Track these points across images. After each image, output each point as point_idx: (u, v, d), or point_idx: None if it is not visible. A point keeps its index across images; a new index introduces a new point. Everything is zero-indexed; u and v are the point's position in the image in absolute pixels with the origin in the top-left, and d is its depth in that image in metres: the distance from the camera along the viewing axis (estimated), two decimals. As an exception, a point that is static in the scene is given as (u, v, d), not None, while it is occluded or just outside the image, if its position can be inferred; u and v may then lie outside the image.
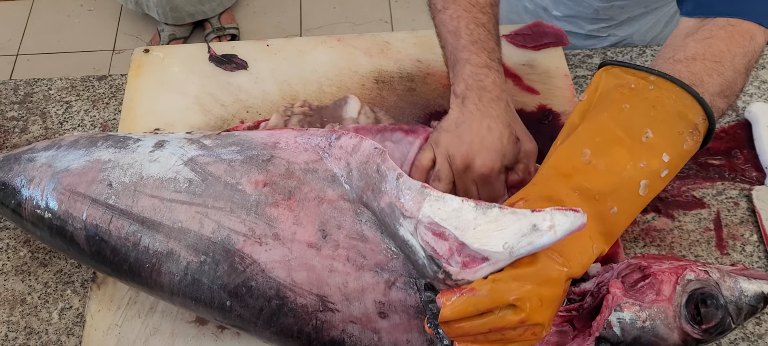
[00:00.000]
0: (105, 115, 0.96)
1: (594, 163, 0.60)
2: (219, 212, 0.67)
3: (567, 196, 0.59)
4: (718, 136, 0.89)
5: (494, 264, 0.53)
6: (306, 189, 0.68)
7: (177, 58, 0.98)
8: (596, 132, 0.62)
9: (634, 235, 0.81)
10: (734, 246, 0.80)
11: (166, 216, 0.68)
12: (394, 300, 0.63)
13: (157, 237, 0.68)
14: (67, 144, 0.77)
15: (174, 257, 0.67)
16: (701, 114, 0.62)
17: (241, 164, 0.70)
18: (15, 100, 0.99)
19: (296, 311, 0.64)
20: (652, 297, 0.60)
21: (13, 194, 0.75)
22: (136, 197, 0.70)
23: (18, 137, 0.94)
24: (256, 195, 0.68)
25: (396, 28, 2.23)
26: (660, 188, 0.62)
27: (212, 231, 0.67)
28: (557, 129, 0.87)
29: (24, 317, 0.79)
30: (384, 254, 0.64)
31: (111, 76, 1.01)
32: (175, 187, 0.69)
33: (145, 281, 0.69)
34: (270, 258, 0.65)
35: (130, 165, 0.72)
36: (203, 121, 0.91)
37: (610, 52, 0.98)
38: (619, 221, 0.60)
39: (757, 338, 0.75)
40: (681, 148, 0.62)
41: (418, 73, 0.95)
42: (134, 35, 2.32)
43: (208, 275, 0.66)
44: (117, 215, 0.69)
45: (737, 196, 0.85)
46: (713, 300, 0.59)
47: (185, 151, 0.72)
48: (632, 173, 0.60)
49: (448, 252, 0.56)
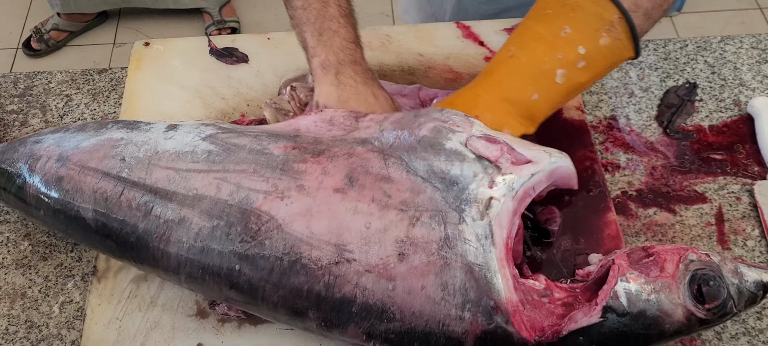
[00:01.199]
0: (105, 108, 0.96)
1: (517, 56, 0.70)
2: (240, 175, 0.67)
3: (486, 91, 0.70)
4: (720, 130, 0.89)
5: (536, 165, 0.64)
6: (335, 149, 0.68)
7: (177, 52, 0.98)
8: (521, 33, 0.72)
9: (636, 229, 0.81)
10: (736, 241, 0.80)
11: (181, 185, 0.67)
12: (416, 236, 0.62)
13: (170, 206, 0.67)
14: (75, 128, 0.77)
15: (185, 225, 0.66)
16: (616, 12, 0.68)
17: (268, 137, 0.71)
18: (15, 93, 0.98)
19: (308, 268, 0.63)
20: (656, 273, 0.61)
21: (17, 175, 0.75)
22: (150, 170, 0.69)
23: (18, 131, 0.94)
24: (283, 156, 0.68)
25: (397, 21, 2.23)
26: (581, 80, 0.70)
27: (229, 193, 0.66)
28: (559, 123, 0.87)
29: (24, 311, 0.79)
30: (410, 191, 0.64)
31: (111, 70, 1.00)
32: (192, 158, 0.69)
33: (151, 254, 0.68)
34: (290, 212, 0.64)
35: (144, 142, 0.72)
36: (204, 114, 0.91)
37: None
38: (540, 107, 0.70)
39: (758, 332, 0.75)
40: (597, 42, 0.68)
41: (420, 66, 0.94)
42: (134, 29, 2.32)
43: (220, 240, 0.65)
44: (129, 187, 0.69)
45: (739, 191, 0.84)
46: (715, 281, 0.60)
47: (202, 130, 0.72)
48: (550, 63, 0.68)
49: (499, 152, 0.64)
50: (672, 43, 0.99)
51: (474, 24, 0.98)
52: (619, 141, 0.89)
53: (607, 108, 0.92)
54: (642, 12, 0.69)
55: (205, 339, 0.74)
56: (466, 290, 0.61)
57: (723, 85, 0.94)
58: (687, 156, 0.87)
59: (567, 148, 0.84)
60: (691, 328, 0.61)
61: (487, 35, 0.96)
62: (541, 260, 0.76)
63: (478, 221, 0.62)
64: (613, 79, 0.95)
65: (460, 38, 0.97)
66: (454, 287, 0.61)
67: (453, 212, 0.63)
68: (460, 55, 0.95)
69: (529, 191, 0.65)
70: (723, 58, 0.97)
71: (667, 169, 0.86)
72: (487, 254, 0.61)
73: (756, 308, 0.76)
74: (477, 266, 0.61)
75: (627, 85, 0.94)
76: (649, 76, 0.95)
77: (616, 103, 0.92)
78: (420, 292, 0.62)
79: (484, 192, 0.63)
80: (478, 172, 0.63)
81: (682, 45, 0.99)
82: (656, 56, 0.97)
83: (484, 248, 0.61)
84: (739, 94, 0.93)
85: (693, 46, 0.98)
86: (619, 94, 0.93)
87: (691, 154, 0.87)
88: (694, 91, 0.93)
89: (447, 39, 0.97)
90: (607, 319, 0.60)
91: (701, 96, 0.93)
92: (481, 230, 0.62)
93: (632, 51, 0.70)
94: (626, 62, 0.96)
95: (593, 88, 0.93)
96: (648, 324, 0.60)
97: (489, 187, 0.63)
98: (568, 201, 0.80)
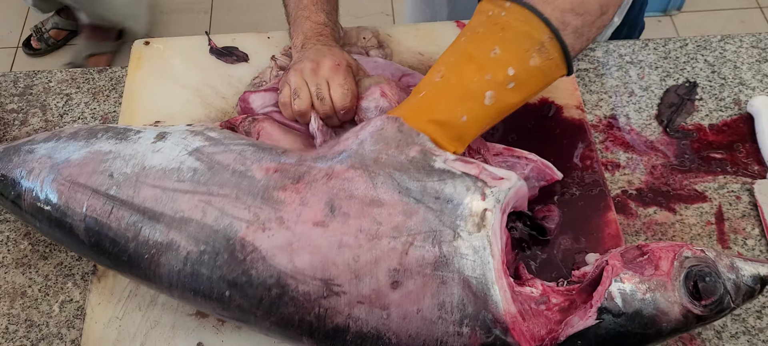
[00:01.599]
0: (105, 107, 0.96)
1: (446, 77, 0.69)
2: (223, 199, 0.66)
3: (414, 113, 0.69)
4: (720, 129, 0.89)
5: (509, 181, 0.65)
6: (315, 171, 0.67)
7: (177, 51, 0.98)
8: (452, 54, 0.71)
9: (636, 229, 0.81)
10: (736, 240, 0.80)
11: (168, 206, 0.67)
12: (410, 262, 0.61)
13: (158, 227, 0.67)
14: (67, 136, 0.76)
15: (174, 248, 0.66)
16: (547, 32, 0.67)
17: (253, 152, 0.70)
18: (15, 92, 0.98)
19: (297, 300, 0.63)
20: (650, 271, 0.61)
21: (12, 186, 0.75)
22: (137, 188, 0.69)
23: (18, 130, 0.94)
24: (265, 180, 0.67)
25: (397, 20, 2.23)
26: (511, 101, 0.69)
27: (214, 219, 0.66)
28: (559, 122, 0.87)
29: (24, 310, 0.79)
30: (403, 214, 0.63)
31: (111, 69, 1.00)
32: (178, 176, 0.69)
33: (143, 273, 0.69)
34: (271, 244, 0.64)
35: (132, 156, 0.71)
36: (204, 113, 0.91)
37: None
38: (469, 128, 0.68)
39: (758, 331, 0.75)
40: (527, 63, 0.67)
41: (420, 66, 0.94)
42: (135, 28, 2.31)
43: (208, 265, 0.65)
44: (118, 206, 0.69)
45: (739, 190, 0.84)
46: (711, 277, 0.60)
47: (189, 142, 0.72)
48: (479, 84, 0.67)
49: (478, 169, 0.65)
50: (672, 42, 0.99)
51: (474, 23, 0.98)
52: (619, 140, 0.89)
53: (607, 107, 0.92)
54: (571, 30, 0.68)
55: (205, 338, 0.74)
56: (463, 306, 0.60)
57: (723, 84, 0.94)
58: (687, 155, 0.87)
59: (567, 147, 0.85)
60: (688, 325, 0.61)
61: (487, 34, 0.96)
62: (542, 259, 0.76)
63: (474, 234, 0.61)
64: (613, 78, 0.95)
65: (460, 37, 0.97)
66: (451, 304, 0.60)
67: (448, 230, 0.62)
68: (460, 54, 0.95)
69: (507, 206, 0.66)
70: (723, 57, 0.97)
71: (667, 168, 0.86)
72: (485, 266, 0.61)
73: (756, 307, 0.76)
74: (474, 279, 0.60)
75: (627, 84, 0.94)
76: (649, 75, 0.95)
77: (616, 102, 0.92)
78: (416, 315, 0.61)
79: (479, 205, 0.63)
80: (470, 186, 0.63)
81: (682, 44, 0.98)
82: (656, 55, 0.97)
83: (482, 260, 0.61)
84: (739, 93, 0.93)
85: (693, 45, 0.98)
86: (619, 93, 0.93)
87: (691, 153, 0.87)
88: (694, 90, 0.93)
89: (447, 38, 0.96)
90: (603, 320, 0.60)
91: (701, 95, 0.93)
92: (478, 242, 0.61)
93: (564, 69, 0.70)
94: (626, 61, 0.96)
95: (593, 87, 0.94)
96: (645, 323, 0.59)
97: (482, 199, 0.63)
98: (569, 200, 0.80)
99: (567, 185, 0.81)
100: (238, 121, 0.82)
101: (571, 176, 0.82)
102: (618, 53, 0.98)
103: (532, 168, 0.76)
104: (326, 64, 0.79)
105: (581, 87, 0.94)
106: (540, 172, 0.77)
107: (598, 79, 0.95)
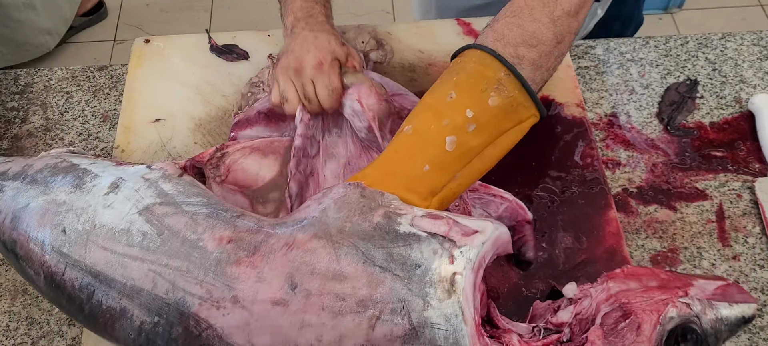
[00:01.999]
0: (106, 105, 0.96)
1: (405, 130, 0.68)
2: (174, 272, 0.62)
3: (373, 168, 0.67)
4: (721, 127, 0.89)
5: (483, 234, 0.60)
6: (273, 241, 0.62)
7: (178, 49, 0.98)
8: (415, 106, 0.71)
9: (637, 227, 0.81)
10: (736, 238, 0.80)
11: (119, 272, 0.64)
12: (378, 338, 0.58)
13: (110, 293, 0.64)
14: (32, 175, 0.74)
15: (127, 316, 0.63)
16: (502, 69, 0.67)
17: (205, 219, 0.65)
18: (15, 90, 0.98)
19: None
20: (632, 338, 0.59)
21: None
22: (88, 248, 0.66)
23: (18, 128, 0.94)
24: (217, 252, 0.62)
25: (398, 18, 2.23)
26: (474, 144, 0.66)
27: (166, 292, 0.62)
28: (560, 120, 0.87)
29: (25, 307, 0.79)
30: (368, 286, 0.58)
31: (111, 67, 1.00)
32: (127, 240, 0.65)
33: (101, 332, 0.66)
34: (228, 323, 0.59)
35: (83, 209, 0.68)
36: (204, 111, 0.91)
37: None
38: (434, 178, 0.65)
39: (759, 329, 0.75)
40: (486, 103, 0.66)
41: (420, 63, 0.94)
42: (135, 26, 2.32)
43: (163, 337, 0.62)
44: (70, 265, 0.66)
45: (740, 188, 0.84)
46: (693, 335, 0.59)
47: (141, 197, 0.68)
48: (437, 131, 0.66)
49: (447, 227, 0.60)
50: (673, 39, 0.99)
51: (475, 21, 0.98)
52: (620, 138, 0.89)
53: (608, 105, 0.92)
54: (528, 63, 0.67)
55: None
56: None
57: (724, 82, 0.94)
58: (688, 153, 0.87)
59: (568, 145, 0.85)
60: None
61: (487, 32, 0.96)
62: (542, 258, 0.76)
63: (445, 301, 0.57)
64: (614, 76, 0.95)
65: (460, 35, 0.97)
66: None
67: (417, 299, 0.58)
68: (460, 52, 0.95)
69: (482, 261, 0.62)
70: (724, 55, 0.97)
71: (668, 166, 0.86)
72: (458, 334, 0.57)
73: (757, 305, 0.76)
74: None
75: (628, 82, 0.94)
76: (650, 73, 0.95)
77: (616, 100, 0.92)
78: None
79: (447, 268, 0.58)
80: (437, 248, 0.59)
81: (683, 42, 0.98)
82: (657, 53, 0.97)
83: (455, 328, 0.57)
84: (740, 91, 0.93)
85: (694, 42, 0.98)
86: (620, 91, 0.93)
87: (691, 151, 0.87)
88: (695, 88, 0.93)
89: (448, 36, 0.97)
90: None
91: (702, 93, 0.93)
92: (450, 309, 0.57)
93: (532, 108, 0.68)
94: (627, 59, 0.96)
95: (594, 86, 0.94)
96: None
97: (450, 262, 0.59)
98: (569, 198, 0.80)
99: (567, 183, 0.81)
100: (205, 158, 0.78)
101: (571, 174, 0.82)
102: (619, 51, 0.98)
103: (505, 207, 0.75)
104: (310, 63, 0.77)
105: (582, 85, 0.94)
106: (513, 212, 0.75)
107: (598, 77, 0.95)
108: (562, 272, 0.75)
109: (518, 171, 0.82)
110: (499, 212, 0.76)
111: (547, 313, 0.67)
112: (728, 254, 0.79)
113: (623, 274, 0.65)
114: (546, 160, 0.84)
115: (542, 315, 0.68)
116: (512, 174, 0.82)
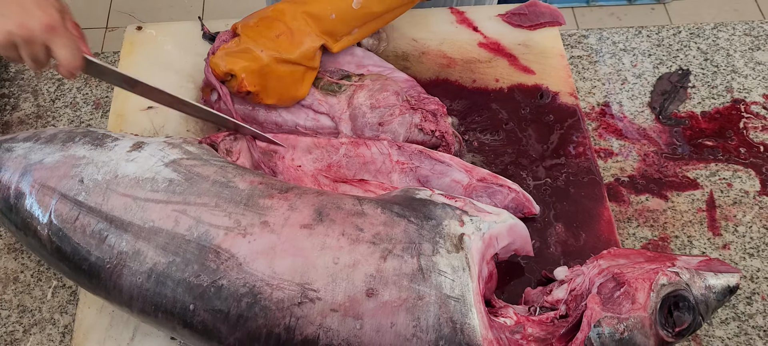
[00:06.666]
0: (97, 92, 0.95)
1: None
2: (200, 208, 0.65)
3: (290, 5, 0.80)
4: (712, 117, 0.89)
5: (497, 216, 0.67)
6: (304, 189, 0.68)
7: (170, 36, 0.97)
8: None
9: (628, 215, 0.82)
10: (727, 227, 0.81)
11: (137, 215, 0.65)
12: (387, 270, 0.61)
13: (124, 237, 0.65)
14: (46, 137, 0.74)
15: (139, 258, 0.64)
16: None
17: (235, 168, 0.69)
18: (6, 77, 0.98)
19: (268, 309, 0.61)
20: (628, 307, 0.62)
21: None
22: (107, 195, 0.67)
23: (9, 115, 0.93)
24: (249, 190, 0.66)
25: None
26: (376, 10, 0.82)
27: (188, 228, 0.64)
28: (554, 108, 0.87)
29: (17, 295, 0.78)
30: (384, 225, 0.64)
31: (103, 54, 1.00)
32: (152, 186, 0.67)
33: (103, 284, 0.66)
34: (252, 249, 0.62)
35: (105, 163, 0.69)
36: (197, 98, 0.90)
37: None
38: (337, 26, 0.81)
39: (748, 317, 0.75)
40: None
41: (414, 51, 0.94)
42: (127, 13, 2.30)
43: (174, 277, 0.63)
44: (84, 212, 0.67)
45: (730, 177, 0.85)
46: (685, 302, 0.61)
47: (166, 154, 0.70)
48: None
49: (462, 202, 0.67)
50: (665, 29, 0.99)
51: (468, 10, 0.98)
52: (612, 127, 0.89)
53: (600, 94, 0.92)
54: None
55: (198, 324, 0.74)
56: (439, 326, 0.59)
57: (715, 71, 0.94)
58: (679, 142, 0.88)
59: (560, 135, 0.85)
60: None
61: (480, 21, 0.96)
62: (536, 247, 0.76)
63: (453, 253, 0.62)
64: (606, 66, 0.95)
65: (453, 23, 0.96)
66: (427, 323, 0.59)
67: (427, 244, 0.62)
68: (454, 40, 0.94)
69: (492, 239, 0.66)
70: (716, 45, 0.97)
71: (660, 155, 0.87)
72: (464, 287, 0.60)
73: (746, 293, 0.77)
74: (453, 299, 0.60)
75: (620, 72, 0.94)
76: (642, 63, 0.95)
77: (609, 89, 0.93)
78: (389, 329, 0.60)
79: (457, 228, 0.64)
80: (449, 212, 0.66)
81: (675, 32, 0.99)
82: (649, 43, 0.98)
83: (461, 281, 0.60)
84: (731, 81, 0.93)
85: (686, 32, 0.99)
86: (612, 81, 0.94)
87: (683, 140, 0.88)
88: (687, 77, 0.94)
89: (441, 24, 0.97)
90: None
91: (694, 83, 0.93)
92: (457, 262, 0.61)
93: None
94: (619, 49, 0.96)
95: (586, 75, 0.94)
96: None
97: (460, 225, 0.64)
98: (562, 187, 0.80)
99: (560, 172, 0.82)
100: (219, 138, 0.79)
101: (563, 164, 0.82)
102: (611, 41, 0.98)
103: (512, 198, 0.76)
104: (37, 27, 0.65)
105: (574, 74, 0.94)
106: (519, 203, 0.77)
107: (591, 67, 0.95)
108: (553, 260, 0.75)
109: (511, 160, 0.83)
110: (505, 202, 0.76)
111: (540, 298, 0.68)
112: (718, 243, 0.80)
113: (611, 254, 0.68)
114: (538, 149, 0.84)
115: (535, 300, 0.69)
116: (505, 163, 0.82)
